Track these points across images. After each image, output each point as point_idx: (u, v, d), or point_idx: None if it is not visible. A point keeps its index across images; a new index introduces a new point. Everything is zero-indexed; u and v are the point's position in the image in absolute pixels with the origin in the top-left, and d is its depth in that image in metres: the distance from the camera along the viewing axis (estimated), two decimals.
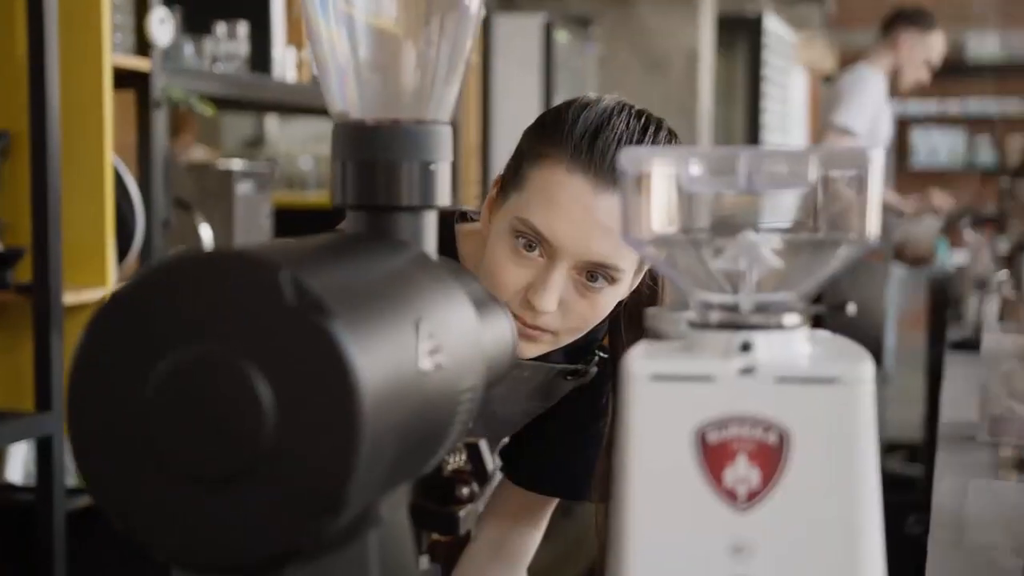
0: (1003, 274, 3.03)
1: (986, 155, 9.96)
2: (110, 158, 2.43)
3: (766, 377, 0.66)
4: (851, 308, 0.69)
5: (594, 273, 1.25)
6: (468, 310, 0.75)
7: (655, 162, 0.69)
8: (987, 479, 1.67)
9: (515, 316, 1.24)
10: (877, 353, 4.34)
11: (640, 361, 0.67)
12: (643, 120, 1.27)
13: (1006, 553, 1.37)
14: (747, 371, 0.66)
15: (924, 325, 5.55)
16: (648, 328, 0.73)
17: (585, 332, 1.30)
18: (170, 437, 0.60)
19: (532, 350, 1.29)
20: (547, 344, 1.29)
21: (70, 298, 2.32)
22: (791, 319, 0.69)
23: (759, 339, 0.67)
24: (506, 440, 1.53)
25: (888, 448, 5.42)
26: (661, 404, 0.66)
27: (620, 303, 1.33)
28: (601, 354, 1.43)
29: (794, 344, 0.68)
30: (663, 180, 0.69)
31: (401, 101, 0.78)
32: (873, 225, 0.67)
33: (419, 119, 0.78)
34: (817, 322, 0.71)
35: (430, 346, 0.67)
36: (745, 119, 7.24)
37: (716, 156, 0.69)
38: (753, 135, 7.23)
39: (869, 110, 4.39)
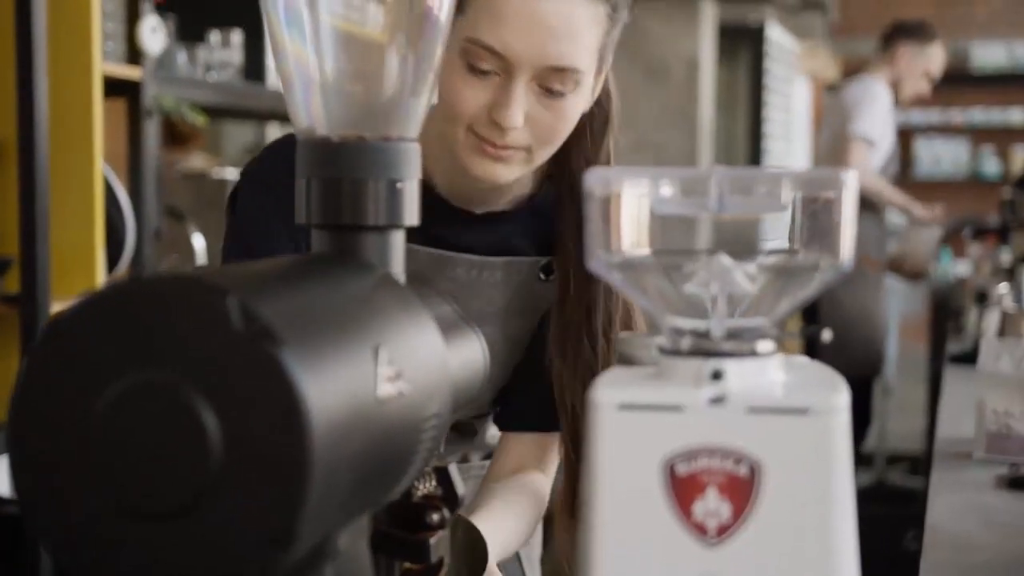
0: (1004, 287, 3.00)
1: (990, 165, 9.92)
2: (100, 167, 2.41)
3: (737, 407, 0.63)
4: (826, 335, 0.67)
5: (553, 86, 1.22)
6: (433, 334, 0.72)
7: (624, 183, 0.66)
8: (983, 498, 1.64)
9: (482, 139, 1.24)
10: (876, 363, 4.31)
11: (607, 390, 0.65)
12: None
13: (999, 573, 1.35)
14: (717, 401, 0.63)
15: (926, 335, 5.52)
16: (619, 353, 0.71)
17: (556, 146, 1.28)
18: (113, 467, 0.58)
19: (508, 172, 1.26)
20: (521, 164, 1.27)
21: (59, 309, 2.30)
22: (764, 346, 0.66)
23: (731, 367, 0.65)
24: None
25: (890, 460, 5.39)
26: (629, 435, 0.64)
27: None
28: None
29: (767, 372, 0.66)
30: (632, 201, 0.66)
31: (368, 117, 0.76)
32: (848, 249, 0.65)
33: (386, 136, 0.76)
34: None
35: (390, 372, 0.65)
36: (747, 128, 7.21)
37: (687, 177, 0.66)
38: (755, 144, 7.20)
39: (882, 119, 4.41)
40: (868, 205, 4.42)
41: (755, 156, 7.16)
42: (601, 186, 0.66)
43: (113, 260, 2.47)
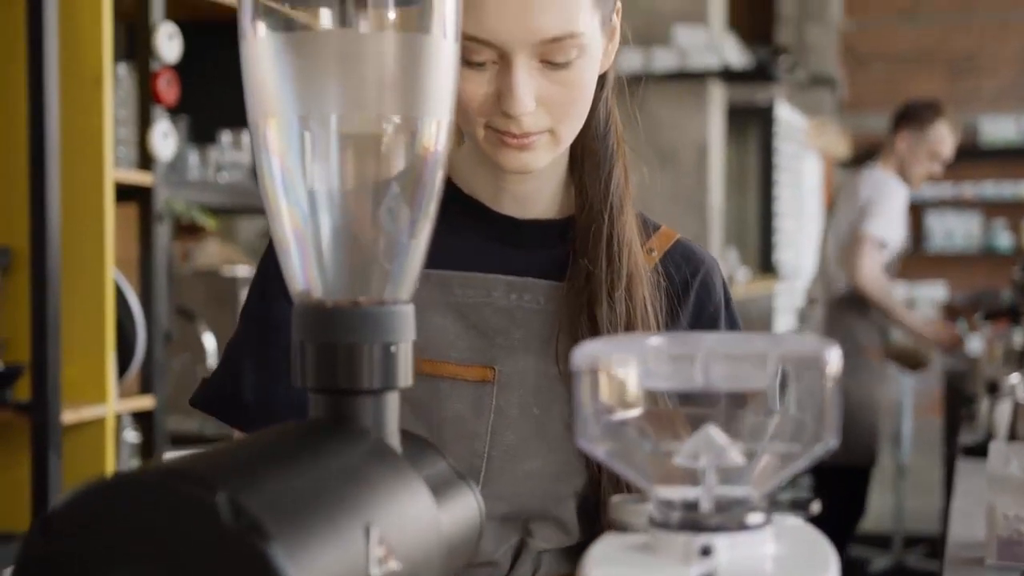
0: (1015, 377, 2.99)
1: (1003, 238, 9.94)
2: (111, 274, 2.43)
3: None
4: (815, 507, 0.67)
5: (555, 58, 1.13)
6: (426, 501, 0.73)
7: (612, 360, 0.67)
8: None
9: (501, 133, 1.15)
10: (872, 453, 4.27)
11: (598, 568, 0.65)
12: None
13: None
14: None
15: (941, 409, 5.49)
16: (611, 519, 0.71)
17: (582, 118, 1.18)
18: None
19: (537, 159, 1.18)
20: (548, 147, 1.18)
21: (69, 416, 2.31)
22: (754, 518, 0.67)
23: (720, 542, 0.65)
24: None
25: (907, 542, 5.34)
26: None
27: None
28: None
29: (757, 547, 0.66)
30: (619, 376, 0.67)
31: (363, 281, 0.77)
32: (833, 427, 0.65)
33: (380, 300, 0.77)
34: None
35: (381, 552, 0.65)
36: (758, 207, 7.25)
37: (675, 352, 0.67)
38: (766, 222, 7.24)
39: (897, 220, 4.43)
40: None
41: (766, 236, 7.19)
42: (588, 362, 0.67)
43: (123, 366, 2.49)
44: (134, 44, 2.64)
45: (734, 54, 5.40)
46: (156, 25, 2.56)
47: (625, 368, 0.67)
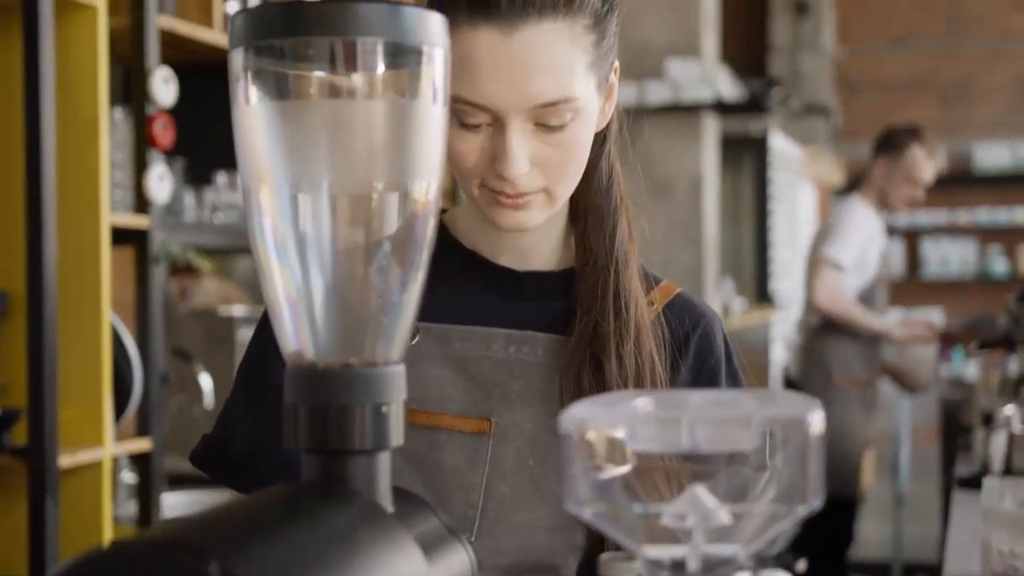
0: (1010, 408, 2.99)
1: (998, 264, 9.96)
2: (107, 317, 2.44)
3: None
4: (801, 565, 0.68)
5: (550, 121, 1.13)
6: (417, 561, 0.74)
7: (601, 423, 0.68)
8: None
9: (496, 192, 1.16)
10: (851, 484, 4.27)
11: None
12: None
13: None
14: None
15: (938, 436, 5.49)
16: None
17: (576, 178, 1.19)
18: None
19: (531, 217, 1.18)
20: (543, 206, 1.18)
21: (66, 460, 2.32)
22: None
23: None
24: None
25: (907, 570, 5.33)
26: None
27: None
28: None
29: None
30: (606, 439, 0.68)
31: (354, 342, 0.78)
32: (817, 487, 0.66)
33: (372, 361, 0.78)
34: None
35: None
36: (753, 236, 7.27)
37: (662, 417, 0.68)
38: (761, 252, 7.25)
39: (858, 242, 4.48)
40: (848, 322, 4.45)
41: (761, 265, 7.20)
42: (576, 425, 0.68)
43: (120, 409, 2.49)
44: (130, 88, 2.66)
45: (727, 86, 5.43)
46: (152, 69, 2.58)
47: (613, 431, 0.68)
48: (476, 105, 1.12)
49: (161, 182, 2.60)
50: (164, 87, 2.60)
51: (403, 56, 0.77)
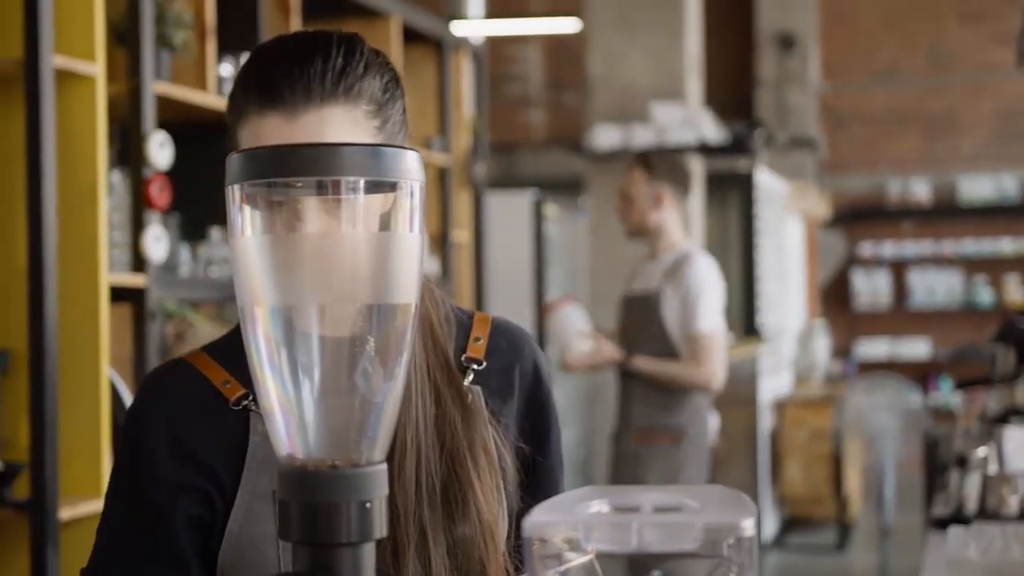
0: (983, 451, 3.06)
1: (984, 294, 10.08)
2: (106, 373, 2.52)
3: None
4: None
5: None
6: None
7: (559, 529, 0.77)
8: None
9: None
10: None
11: None
12: (310, 36, 1.21)
13: None
14: None
15: (921, 465, 5.55)
16: None
17: None
18: None
19: None
20: None
21: (66, 512, 2.39)
22: None
23: None
24: None
25: None
26: None
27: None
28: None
29: None
30: (564, 541, 0.77)
31: (341, 445, 0.87)
32: None
33: (355, 462, 0.87)
34: None
35: None
36: (741, 271, 7.36)
37: (614, 523, 0.77)
38: (749, 286, 7.35)
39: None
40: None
41: (749, 300, 7.30)
42: (536, 531, 0.77)
43: None
44: (127, 151, 2.75)
45: (710, 129, 5.53)
46: (148, 134, 2.68)
47: (570, 534, 0.77)
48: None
49: (157, 242, 2.69)
50: (160, 151, 2.70)
51: (382, 191, 0.86)
